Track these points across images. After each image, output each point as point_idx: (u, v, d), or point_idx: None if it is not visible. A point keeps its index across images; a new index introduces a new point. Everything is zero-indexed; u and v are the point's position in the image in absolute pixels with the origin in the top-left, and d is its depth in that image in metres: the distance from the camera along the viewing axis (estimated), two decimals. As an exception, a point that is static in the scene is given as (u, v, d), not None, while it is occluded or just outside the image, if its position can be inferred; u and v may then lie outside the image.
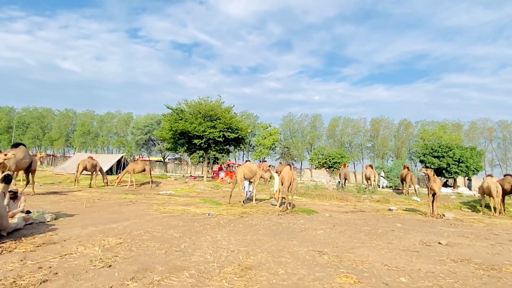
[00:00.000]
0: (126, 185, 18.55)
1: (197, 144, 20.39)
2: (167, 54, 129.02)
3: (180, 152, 22.57)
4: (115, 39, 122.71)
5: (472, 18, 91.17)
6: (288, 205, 10.87)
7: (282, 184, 11.36)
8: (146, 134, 39.51)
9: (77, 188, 16.26)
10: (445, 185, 27.00)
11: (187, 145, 21.55)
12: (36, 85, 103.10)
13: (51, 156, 51.24)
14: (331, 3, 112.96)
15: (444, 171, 26.64)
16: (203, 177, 23.41)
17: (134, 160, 49.16)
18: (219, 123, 21.00)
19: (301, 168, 43.91)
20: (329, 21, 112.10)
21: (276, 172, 23.19)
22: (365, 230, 7.97)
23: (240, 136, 21.92)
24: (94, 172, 17.74)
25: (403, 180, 19.03)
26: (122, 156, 25.64)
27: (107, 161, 25.10)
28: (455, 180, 27.12)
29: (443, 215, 11.35)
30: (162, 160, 47.70)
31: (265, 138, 41.48)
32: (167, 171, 44.77)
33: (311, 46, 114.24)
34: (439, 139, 34.71)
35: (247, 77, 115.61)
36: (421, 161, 28.21)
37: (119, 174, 19.89)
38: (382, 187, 21.94)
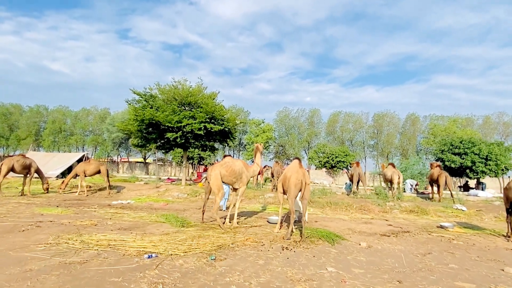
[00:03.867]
0: (83, 191, 14.04)
1: (171, 138, 15.91)
2: (157, 55, 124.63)
3: (150, 148, 18.11)
4: (105, 40, 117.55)
5: (459, 20, 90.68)
6: (293, 227, 6.60)
7: (284, 191, 7.07)
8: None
9: (-4, 197, 11.70)
10: (466, 187, 23.11)
11: (159, 140, 17.07)
12: (25, 87, 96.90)
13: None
14: (321, 5, 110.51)
15: (468, 170, 22.76)
16: (181, 180, 18.97)
17: (112, 161, 44.29)
18: (200, 112, 16.60)
19: (297, 169, 39.70)
20: (319, 23, 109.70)
21: (272, 174, 18.95)
22: (474, 296, 3.72)
23: (226, 129, 17.53)
24: (28, 175, 13.17)
25: (433, 182, 14.93)
26: (84, 155, 21.02)
27: (64, 161, 20.53)
28: (478, 181, 23.17)
29: (540, 239, 7.21)
30: (143, 160, 43.01)
31: (257, 135, 37.20)
32: (148, 173, 40.11)
33: (302, 48, 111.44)
34: (453, 134, 30.95)
35: (238, 78, 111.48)
36: (439, 159, 24.26)
37: (78, 179, 15.25)
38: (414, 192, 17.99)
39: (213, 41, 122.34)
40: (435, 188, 15.13)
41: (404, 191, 16.93)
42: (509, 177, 32.60)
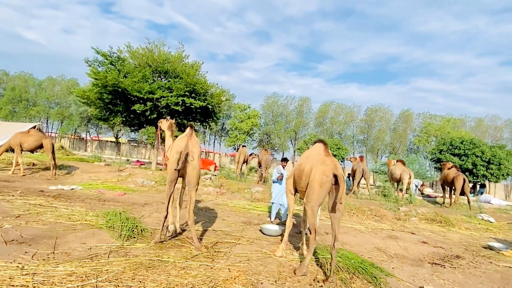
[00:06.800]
0: (19, 169, 10.89)
1: (138, 111, 12.87)
2: (141, 33, 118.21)
3: (114, 123, 14.98)
4: (86, 11, 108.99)
5: (443, 26, 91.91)
6: (308, 255, 4.02)
7: (296, 191, 4.52)
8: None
9: None
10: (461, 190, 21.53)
11: (126, 114, 13.97)
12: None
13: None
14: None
15: (467, 173, 21.10)
16: (151, 163, 16.06)
17: (80, 138, 40.15)
18: (178, 83, 13.63)
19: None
20: (309, 15, 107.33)
21: (259, 163, 16.21)
22: None
23: (209, 106, 14.67)
24: None
25: (446, 184, 12.87)
26: (36, 126, 17.50)
27: (9, 132, 16.94)
28: (481, 184, 21.66)
29: None
30: (115, 140, 39.20)
31: (242, 121, 34.38)
32: (119, 154, 36.50)
33: (290, 39, 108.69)
34: (447, 134, 29.49)
35: (223, 65, 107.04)
36: (437, 160, 22.53)
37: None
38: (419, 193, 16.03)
39: (200, 24, 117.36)
40: (446, 192, 13.13)
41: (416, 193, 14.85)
42: None
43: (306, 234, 5.44)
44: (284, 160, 7.34)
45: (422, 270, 4.58)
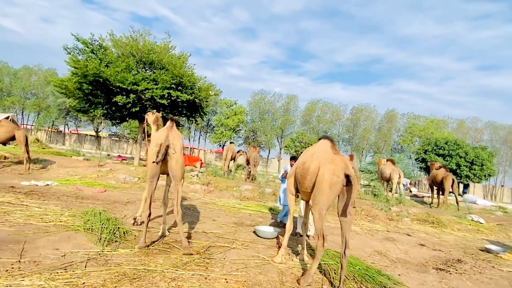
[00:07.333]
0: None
1: (120, 103, 12.12)
2: (125, 25, 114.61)
3: (94, 115, 14.13)
4: (67, 0, 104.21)
5: (424, 30, 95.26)
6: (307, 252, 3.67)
7: (298, 191, 4.17)
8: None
9: None
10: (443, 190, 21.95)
11: (107, 106, 13.18)
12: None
13: None
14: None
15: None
16: (133, 158, 15.32)
17: (58, 131, 38.39)
18: (164, 75, 12.97)
19: (268, 157, 37.14)
20: (295, 13, 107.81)
21: (247, 161, 15.76)
22: None
23: (197, 100, 14.05)
24: None
25: (434, 185, 12.88)
26: (9, 117, 16.36)
27: (-22, 122, 15.73)
28: (465, 185, 22.10)
29: None
30: (95, 134, 37.72)
31: (228, 117, 33.80)
32: (100, 149, 35.22)
33: (276, 37, 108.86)
34: (430, 135, 30.02)
35: (208, 61, 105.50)
36: (422, 160, 22.82)
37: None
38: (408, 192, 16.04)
39: (186, 18, 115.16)
40: (435, 192, 13.16)
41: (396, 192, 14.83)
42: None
43: (298, 237, 5.12)
44: (293, 158, 6.90)
45: (429, 277, 4.30)
